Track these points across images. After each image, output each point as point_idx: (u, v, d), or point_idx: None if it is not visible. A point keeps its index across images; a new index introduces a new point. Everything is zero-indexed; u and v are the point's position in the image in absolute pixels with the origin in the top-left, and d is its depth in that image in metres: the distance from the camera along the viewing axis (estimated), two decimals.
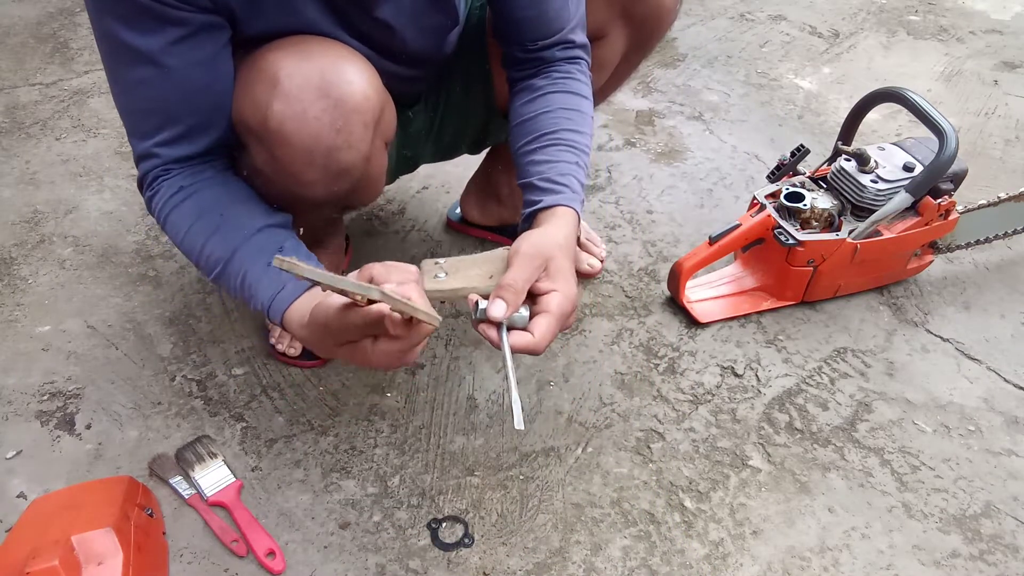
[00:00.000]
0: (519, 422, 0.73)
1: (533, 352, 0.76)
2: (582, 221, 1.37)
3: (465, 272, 0.82)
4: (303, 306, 0.79)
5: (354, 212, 1.46)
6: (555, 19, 0.94)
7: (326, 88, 0.79)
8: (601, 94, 1.20)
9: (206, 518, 0.98)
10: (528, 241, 0.80)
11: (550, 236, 0.82)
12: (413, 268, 0.71)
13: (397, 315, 0.65)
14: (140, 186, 0.87)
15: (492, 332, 0.75)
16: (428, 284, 0.82)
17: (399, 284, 0.67)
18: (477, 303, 0.76)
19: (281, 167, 0.83)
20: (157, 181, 0.85)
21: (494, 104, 1.13)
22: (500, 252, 0.83)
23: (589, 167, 0.94)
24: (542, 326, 0.76)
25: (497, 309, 0.74)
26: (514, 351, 0.75)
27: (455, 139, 1.21)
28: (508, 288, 0.75)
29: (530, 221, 0.89)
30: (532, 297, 0.78)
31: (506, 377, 0.74)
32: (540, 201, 0.88)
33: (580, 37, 0.98)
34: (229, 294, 0.84)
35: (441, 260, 0.85)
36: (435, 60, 1.04)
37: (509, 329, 0.76)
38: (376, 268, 0.69)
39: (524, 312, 0.76)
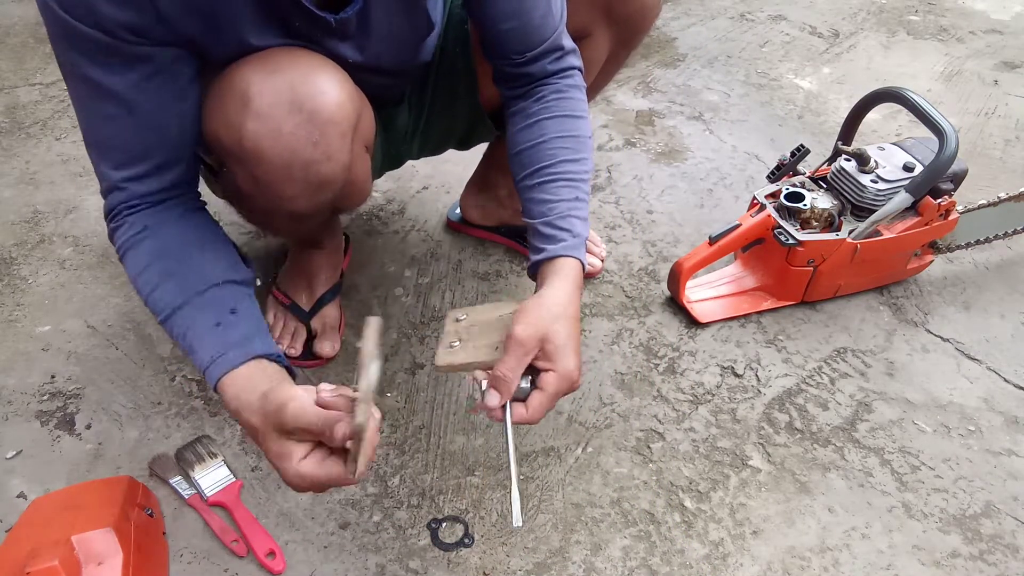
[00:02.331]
0: (517, 519, 0.76)
1: (526, 423, 0.81)
2: None
3: (474, 342, 0.86)
4: (244, 377, 0.76)
5: (351, 214, 1.47)
6: (540, 28, 0.92)
7: (299, 102, 0.78)
8: (590, 92, 1.19)
9: (206, 518, 0.98)
10: (525, 320, 0.80)
11: (548, 307, 0.82)
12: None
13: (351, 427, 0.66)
14: (106, 216, 0.85)
15: (496, 413, 0.79)
16: (442, 358, 0.86)
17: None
18: (481, 384, 0.81)
19: (261, 185, 0.83)
20: (121, 215, 0.83)
21: (479, 103, 1.12)
22: (510, 310, 0.85)
23: (589, 193, 0.94)
24: (535, 403, 0.80)
25: (491, 399, 0.79)
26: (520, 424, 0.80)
27: (442, 137, 1.21)
28: (501, 380, 0.79)
29: (535, 270, 0.90)
30: (535, 371, 0.81)
31: (508, 466, 0.79)
32: (543, 251, 0.88)
33: (567, 42, 0.96)
34: (174, 340, 0.82)
35: (461, 315, 0.89)
36: (413, 68, 1.03)
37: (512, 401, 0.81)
38: (306, 428, 0.69)
39: (525, 385, 0.80)
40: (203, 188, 0.91)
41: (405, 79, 1.06)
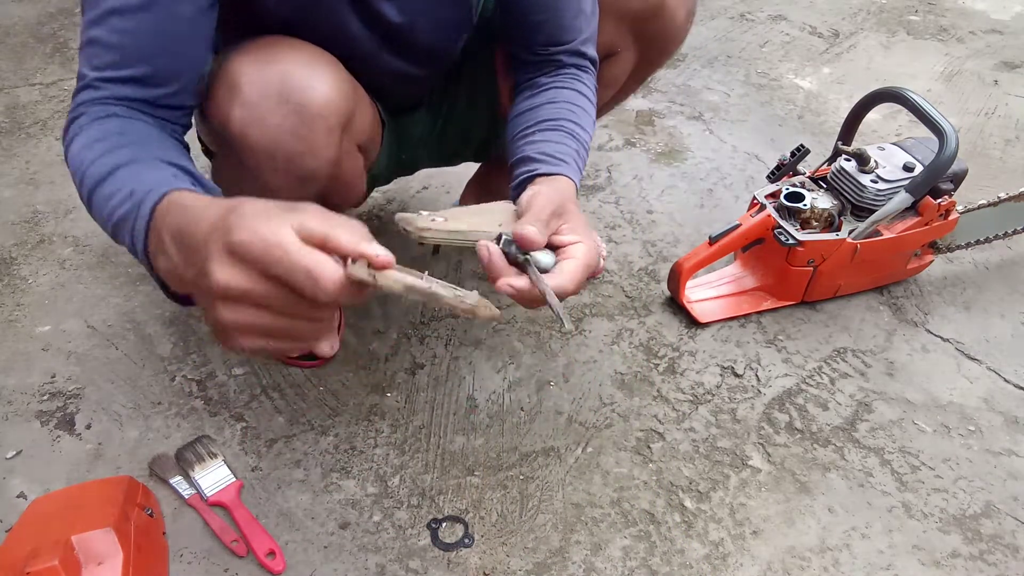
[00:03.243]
0: (568, 324, 0.68)
1: (562, 292, 0.69)
2: None
3: (468, 219, 0.73)
4: (196, 196, 0.60)
5: (349, 214, 1.46)
6: (568, 28, 0.92)
7: (287, 94, 0.78)
8: (607, 107, 1.19)
9: (206, 518, 0.98)
10: (546, 186, 0.75)
11: (562, 190, 0.77)
12: (360, 224, 0.54)
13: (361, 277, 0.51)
14: (69, 118, 0.73)
15: (514, 276, 0.67)
16: (422, 223, 0.69)
17: (367, 243, 0.53)
18: (489, 247, 0.67)
19: (247, 172, 0.82)
20: (86, 105, 0.72)
21: (498, 115, 1.12)
22: (503, 204, 0.76)
23: (586, 164, 0.92)
24: (569, 268, 0.70)
25: (530, 232, 0.67)
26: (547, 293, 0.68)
27: (458, 147, 1.20)
28: (535, 219, 0.69)
29: (524, 187, 0.82)
30: (554, 250, 0.73)
31: (543, 293, 0.68)
32: (536, 169, 0.83)
33: (591, 51, 0.97)
34: (100, 217, 0.66)
35: (434, 212, 0.75)
36: (444, 59, 1.03)
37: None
38: (311, 221, 0.52)
39: (551, 257, 0.70)
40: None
41: (434, 73, 1.04)
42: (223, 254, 0.50)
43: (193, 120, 0.84)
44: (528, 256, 0.68)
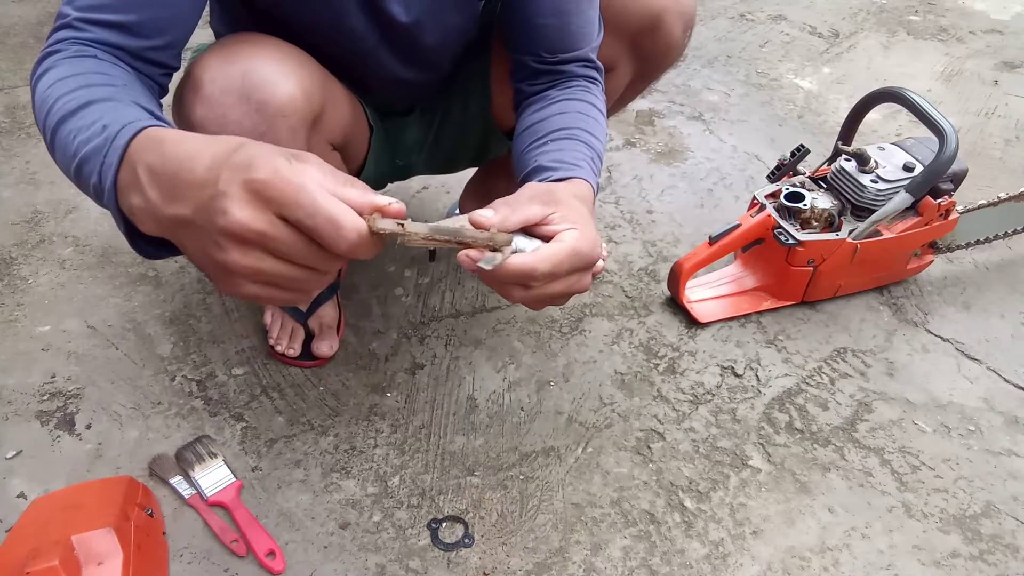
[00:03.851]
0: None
1: (527, 273, 0.63)
2: None
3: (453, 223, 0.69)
4: (179, 134, 0.56)
5: None
6: (576, 35, 0.91)
7: (248, 92, 0.77)
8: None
9: (206, 518, 0.98)
10: (537, 183, 0.73)
11: (563, 187, 0.74)
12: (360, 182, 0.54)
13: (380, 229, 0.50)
14: (43, 55, 0.68)
15: (478, 256, 0.62)
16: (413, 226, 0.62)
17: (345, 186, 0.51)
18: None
19: None
20: (65, 43, 0.68)
21: (492, 121, 1.11)
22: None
23: (600, 173, 0.89)
24: (546, 250, 0.64)
25: (479, 214, 0.62)
26: (509, 270, 0.63)
27: (453, 153, 1.20)
28: (500, 204, 0.64)
29: None
30: (547, 240, 0.68)
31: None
32: (548, 177, 0.80)
33: (598, 61, 0.96)
34: (64, 154, 0.62)
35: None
36: (441, 66, 1.02)
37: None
38: (311, 171, 0.50)
39: (534, 243, 0.66)
40: None
41: (427, 77, 1.04)
42: (243, 192, 0.48)
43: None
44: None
